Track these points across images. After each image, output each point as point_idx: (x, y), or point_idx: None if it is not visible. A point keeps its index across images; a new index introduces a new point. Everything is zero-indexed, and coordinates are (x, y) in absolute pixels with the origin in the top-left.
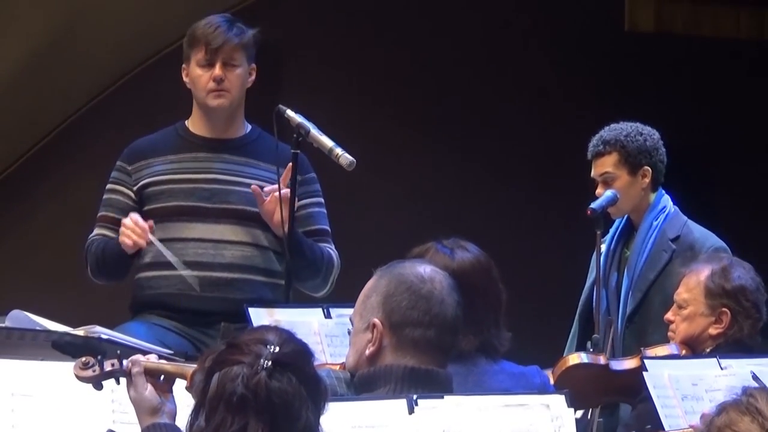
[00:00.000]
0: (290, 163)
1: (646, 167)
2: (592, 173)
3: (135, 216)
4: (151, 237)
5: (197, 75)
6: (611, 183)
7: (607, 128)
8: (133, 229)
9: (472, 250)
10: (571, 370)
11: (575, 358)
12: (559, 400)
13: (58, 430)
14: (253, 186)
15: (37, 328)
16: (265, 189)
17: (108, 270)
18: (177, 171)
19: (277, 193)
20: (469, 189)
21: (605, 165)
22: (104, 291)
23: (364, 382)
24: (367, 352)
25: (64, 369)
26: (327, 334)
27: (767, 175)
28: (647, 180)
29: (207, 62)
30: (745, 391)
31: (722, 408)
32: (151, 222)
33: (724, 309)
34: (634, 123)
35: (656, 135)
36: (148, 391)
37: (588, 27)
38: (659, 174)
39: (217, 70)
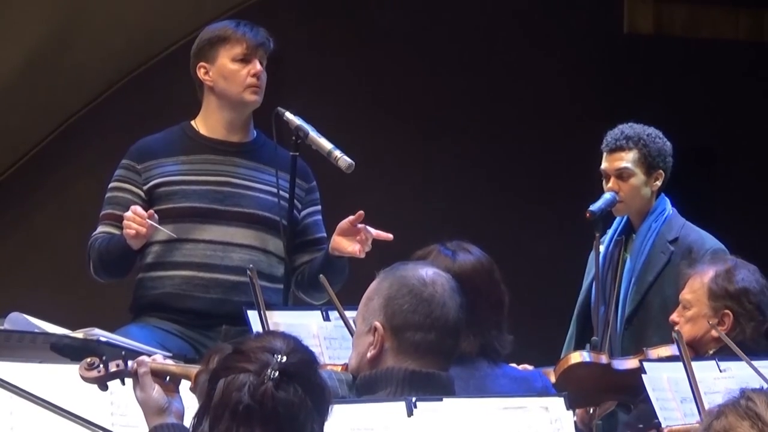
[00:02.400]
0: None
1: (661, 171)
2: (606, 166)
3: (134, 207)
4: (150, 222)
5: (233, 70)
6: (626, 179)
7: (626, 125)
8: (133, 218)
9: (475, 253)
10: (572, 368)
11: (577, 356)
12: (558, 403)
13: None
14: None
15: (36, 330)
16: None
17: (110, 266)
18: (189, 172)
19: (370, 233)
20: (469, 191)
21: (624, 160)
22: (104, 294)
23: (365, 385)
24: (369, 355)
25: (63, 371)
26: (326, 336)
27: (766, 175)
28: (658, 184)
29: (244, 58)
30: (743, 393)
31: (720, 411)
32: (151, 211)
33: (726, 311)
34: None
35: (669, 144)
36: (156, 391)
37: (587, 29)
38: (666, 180)
39: (258, 66)
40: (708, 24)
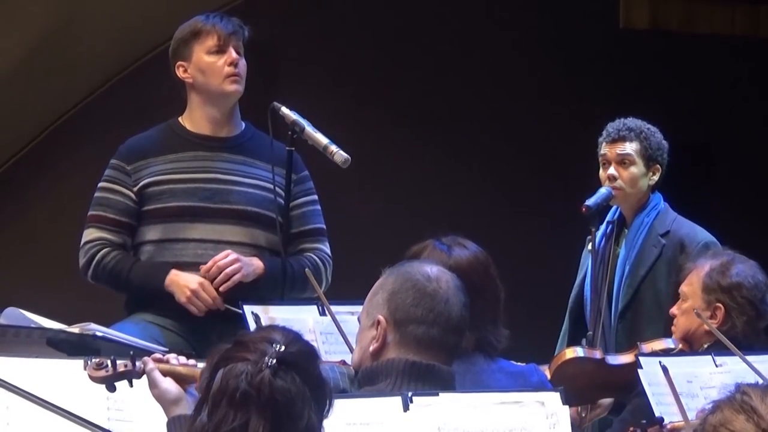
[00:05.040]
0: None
1: (658, 165)
2: (607, 152)
3: (208, 288)
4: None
5: (209, 62)
6: (627, 166)
7: (624, 119)
8: (203, 300)
9: (470, 247)
10: (567, 364)
11: (571, 352)
12: (554, 398)
13: (53, 428)
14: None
15: (32, 325)
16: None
17: (124, 289)
18: (177, 171)
19: (225, 260)
20: (465, 186)
21: (627, 149)
22: (99, 289)
23: (366, 377)
24: (371, 348)
25: (59, 366)
26: (322, 331)
27: (762, 171)
28: (655, 178)
29: (219, 49)
30: (739, 387)
31: (716, 406)
32: (220, 301)
33: (718, 304)
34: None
35: (666, 142)
36: (167, 382)
37: (583, 25)
38: (662, 177)
39: (234, 53)
40: (704, 19)
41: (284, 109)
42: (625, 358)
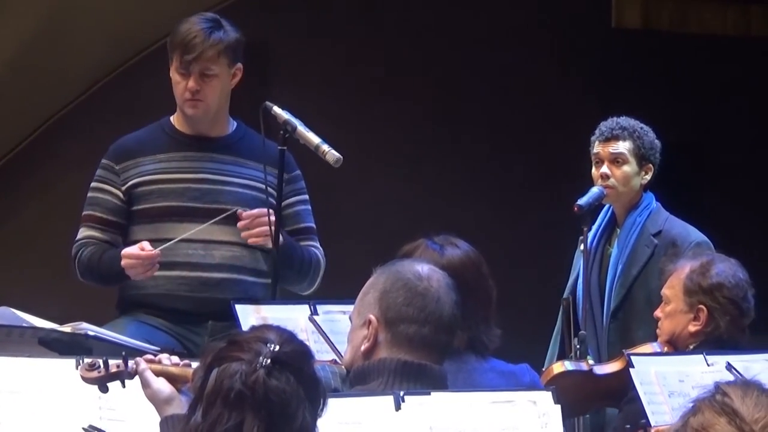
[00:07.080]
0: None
1: (650, 165)
2: (600, 151)
3: (143, 246)
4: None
5: (175, 80)
6: (620, 165)
7: (617, 118)
8: (140, 263)
9: (462, 247)
10: (556, 378)
11: (560, 366)
12: (545, 397)
13: (45, 427)
14: (239, 212)
15: (24, 324)
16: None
17: (101, 282)
18: (167, 171)
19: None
20: (458, 185)
21: (621, 148)
22: (92, 288)
23: (357, 376)
24: (363, 347)
25: (51, 366)
26: (314, 330)
27: (754, 169)
28: (647, 177)
29: (183, 70)
30: (718, 388)
31: (696, 407)
32: (158, 251)
33: (700, 306)
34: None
35: (658, 141)
36: (160, 382)
37: (575, 24)
38: (654, 176)
39: (191, 83)
40: (696, 18)
41: (276, 109)
42: (612, 367)
